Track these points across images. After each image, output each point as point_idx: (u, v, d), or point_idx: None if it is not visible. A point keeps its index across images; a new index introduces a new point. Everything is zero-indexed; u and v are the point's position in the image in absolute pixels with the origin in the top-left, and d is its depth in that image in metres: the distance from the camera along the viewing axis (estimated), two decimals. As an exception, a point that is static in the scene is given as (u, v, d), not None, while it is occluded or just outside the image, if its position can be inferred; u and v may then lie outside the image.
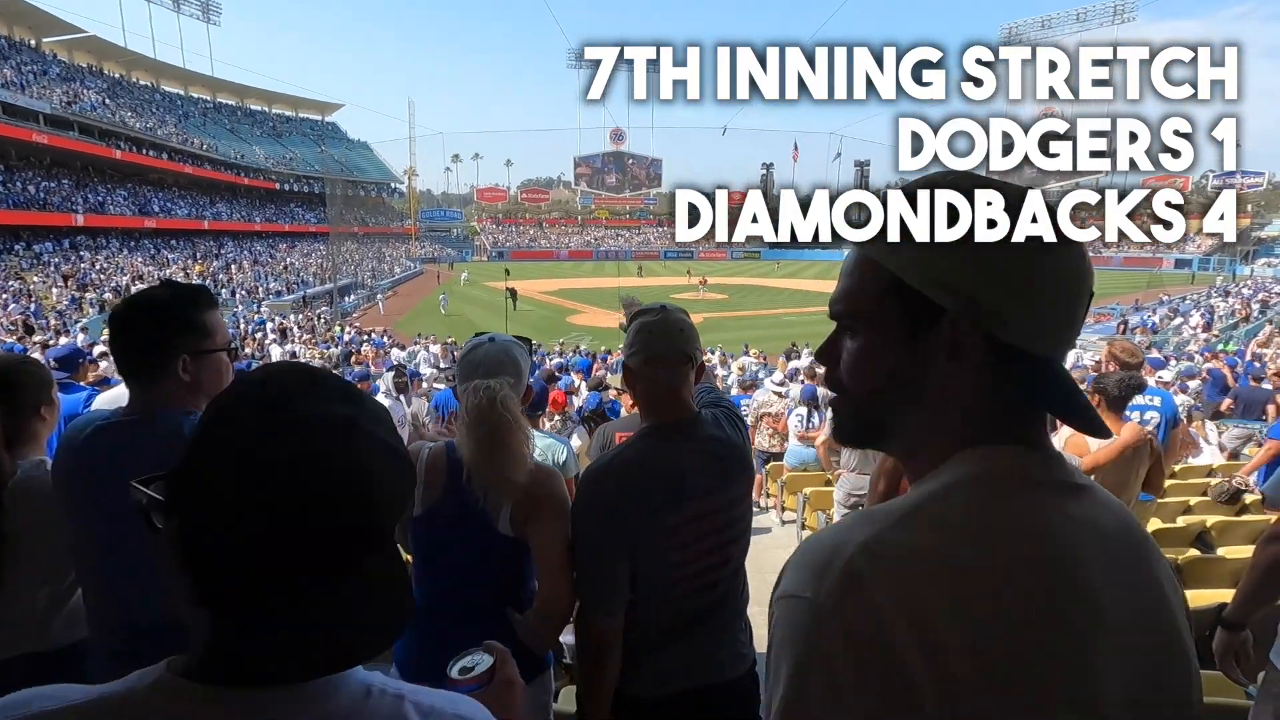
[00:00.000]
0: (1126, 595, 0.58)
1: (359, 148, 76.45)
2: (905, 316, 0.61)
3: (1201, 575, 3.41)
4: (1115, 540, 0.60)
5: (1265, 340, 16.36)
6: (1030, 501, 0.59)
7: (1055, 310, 0.61)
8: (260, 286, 33.96)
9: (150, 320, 1.45)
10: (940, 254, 0.59)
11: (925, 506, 0.59)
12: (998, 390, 0.61)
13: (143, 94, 50.83)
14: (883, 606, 0.53)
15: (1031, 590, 0.55)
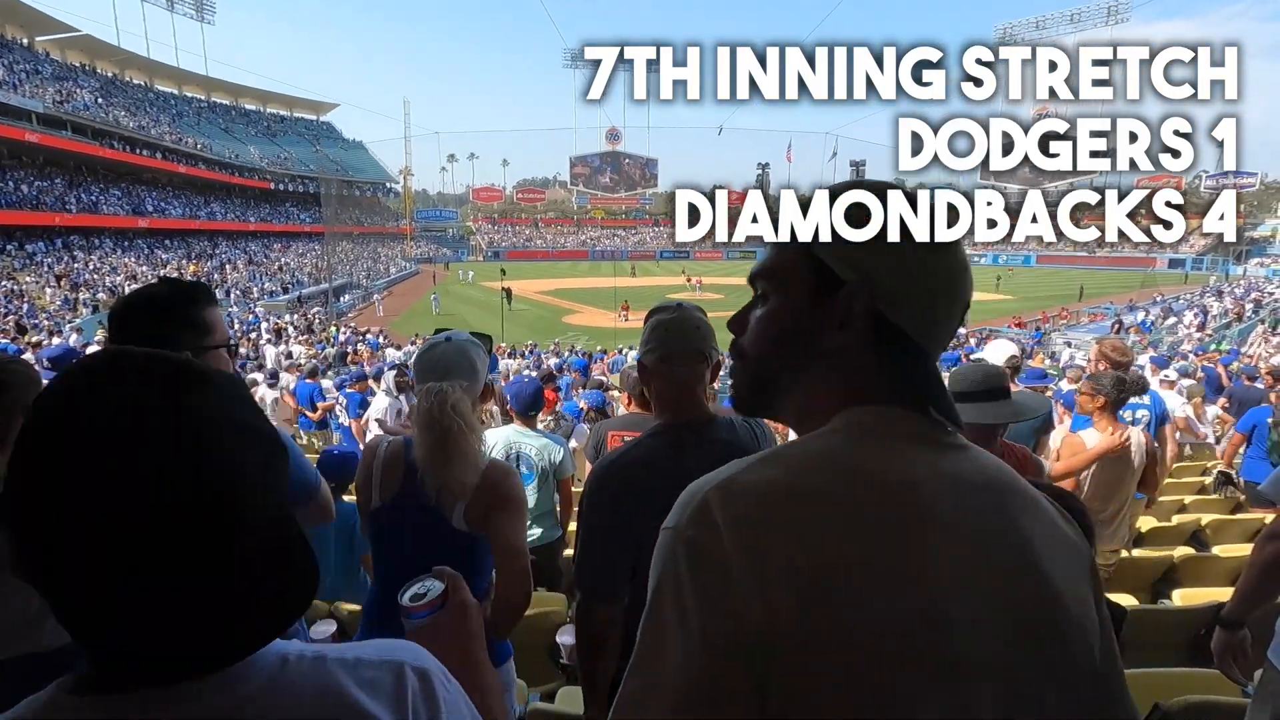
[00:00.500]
0: (987, 543, 0.62)
1: (354, 147, 76.25)
2: (810, 282, 0.69)
3: (1197, 574, 3.42)
4: (982, 493, 0.65)
5: (1258, 339, 16.44)
6: (893, 449, 0.64)
7: (938, 305, 0.69)
8: (255, 286, 33.84)
9: (152, 318, 1.44)
10: (862, 241, 0.68)
11: (790, 449, 0.66)
12: (881, 364, 0.68)
13: (136, 93, 50.59)
14: (724, 534, 0.57)
15: (875, 524, 0.59)
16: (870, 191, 0.70)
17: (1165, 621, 2.76)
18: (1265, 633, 1.73)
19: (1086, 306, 29.91)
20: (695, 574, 0.58)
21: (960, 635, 0.58)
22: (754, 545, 0.57)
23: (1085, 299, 32.93)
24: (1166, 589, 3.35)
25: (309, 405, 8.36)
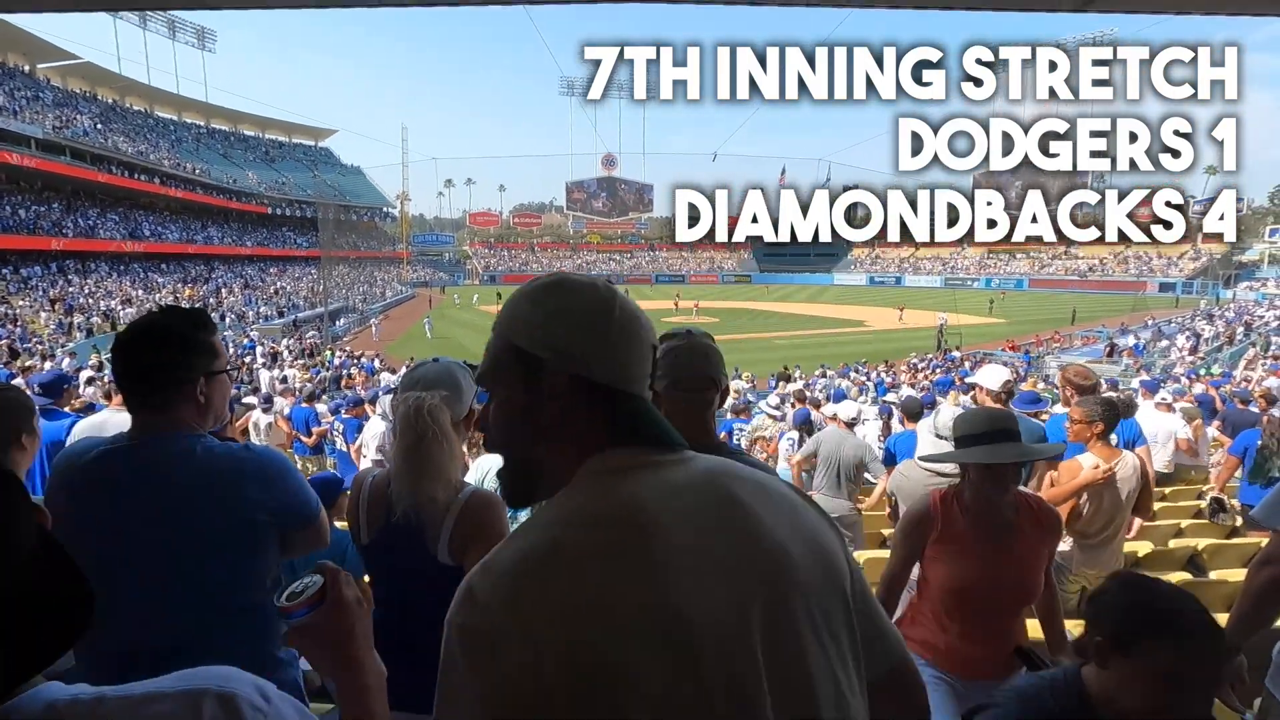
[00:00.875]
0: (714, 529, 0.73)
1: (352, 173, 76.82)
2: (521, 370, 0.80)
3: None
4: (703, 490, 0.77)
5: (1250, 363, 16.54)
6: (620, 482, 0.75)
7: (623, 354, 0.81)
8: (250, 310, 33.82)
9: (169, 347, 1.44)
10: (543, 321, 0.81)
11: (537, 517, 0.76)
12: (596, 417, 0.79)
13: (136, 119, 51.00)
14: (488, 611, 0.66)
15: (613, 555, 0.69)
16: (544, 284, 0.84)
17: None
18: (1263, 660, 1.71)
19: (1079, 330, 30.09)
20: (469, 655, 0.66)
21: (700, 618, 0.67)
22: (516, 613, 0.65)
23: (1078, 322, 33.14)
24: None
25: (304, 430, 8.29)
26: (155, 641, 1.35)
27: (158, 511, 1.37)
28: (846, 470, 4.69)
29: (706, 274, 75.53)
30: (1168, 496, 5.82)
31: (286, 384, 13.39)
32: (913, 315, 35.57)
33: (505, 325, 0.83)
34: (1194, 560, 4.17)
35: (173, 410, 1.44)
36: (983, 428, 2.05)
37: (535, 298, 0.82)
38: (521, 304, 0.83)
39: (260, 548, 1.46)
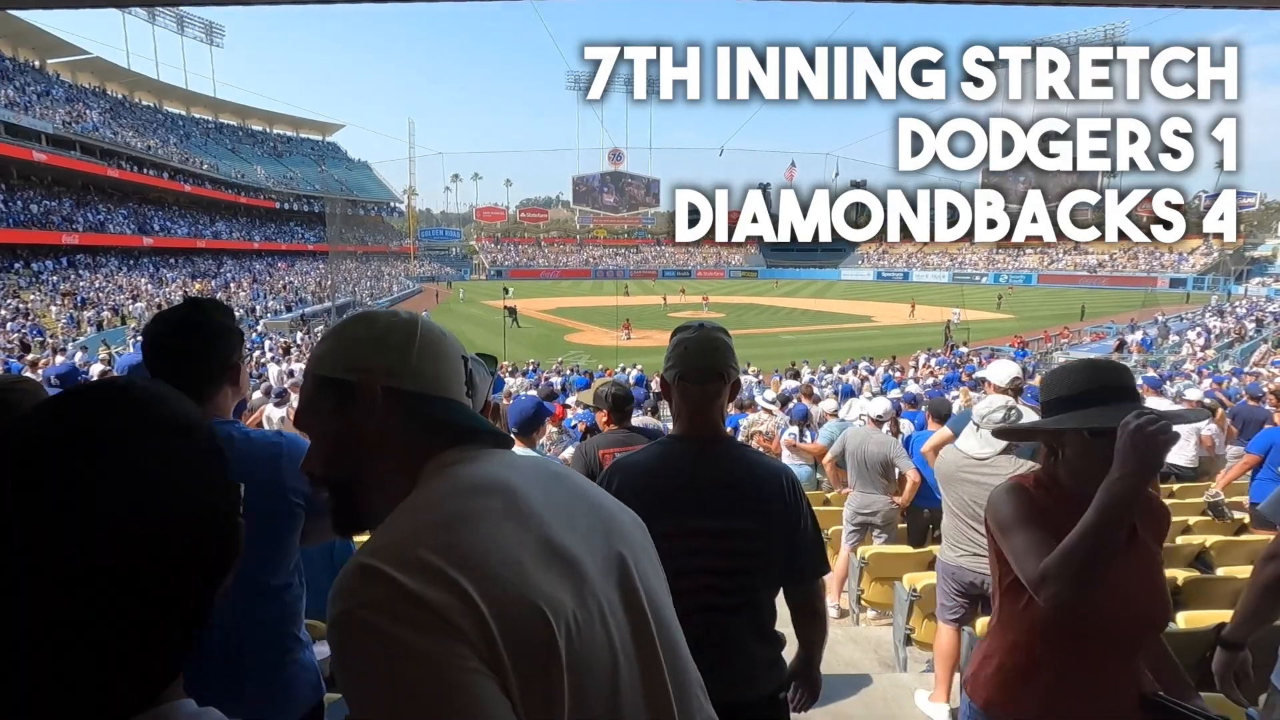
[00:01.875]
0: (564, 499, 0.81)
1: (359, 167, 76.98)
2: (333, 399, 0.84)
3: (1201, 595, 3.38)
4: (535, 472, 0.84)
5: (1262, 359, 16.42)
6: (475, 469, 0.80)
7: (438, 368, 0.87)
8: (259, 305, 34.00)
9: (209, 338, 1.48)
10: (346, 348, 0.86)
11: (407, 507, 0.76)
12: (421, 424, 0.84)
13: (145, 114, 51.24)
14: (404, 579, 0.66)
15: (502, 504, 0.74)
16: (345, 319, 0.92)
17: (1170, 644, 2.73)
18: (1267, 657, 1.71)
19: (1088, 325, 29.89)
20: (415, 630, 0.63)
21: (579, 552, 0.75)
22: (453, 571, 0.66)
23: (1087, 318, 32.92)
24: (1171, 612, 3.31)
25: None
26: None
27: None
28: (874, 466, 4.68)
29: (713, 269, 75.38)
30: (1175, 494, 5.80)
31: (294, 378, 13.46)
32: (924, 310, 35.40)
33: (311, 364, 0.88)
34: (1201, 557, 4.15)
35: (211, 400, 1.48)
36: (1089, 384, 1.46)
37: (337, 332, 0.89)
38: (325, 341, 0.88)
39: (290, 531, 1.51)
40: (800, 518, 1.67)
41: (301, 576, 1.59)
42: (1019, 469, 2.94)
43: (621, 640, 0.74)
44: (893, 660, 3.82)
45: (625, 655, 0.74)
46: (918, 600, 3.53)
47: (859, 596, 4.33)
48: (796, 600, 1.76)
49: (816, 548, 1.71)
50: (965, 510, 3.07)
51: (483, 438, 0.87)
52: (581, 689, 0.68)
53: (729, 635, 1.63)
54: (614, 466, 1.69)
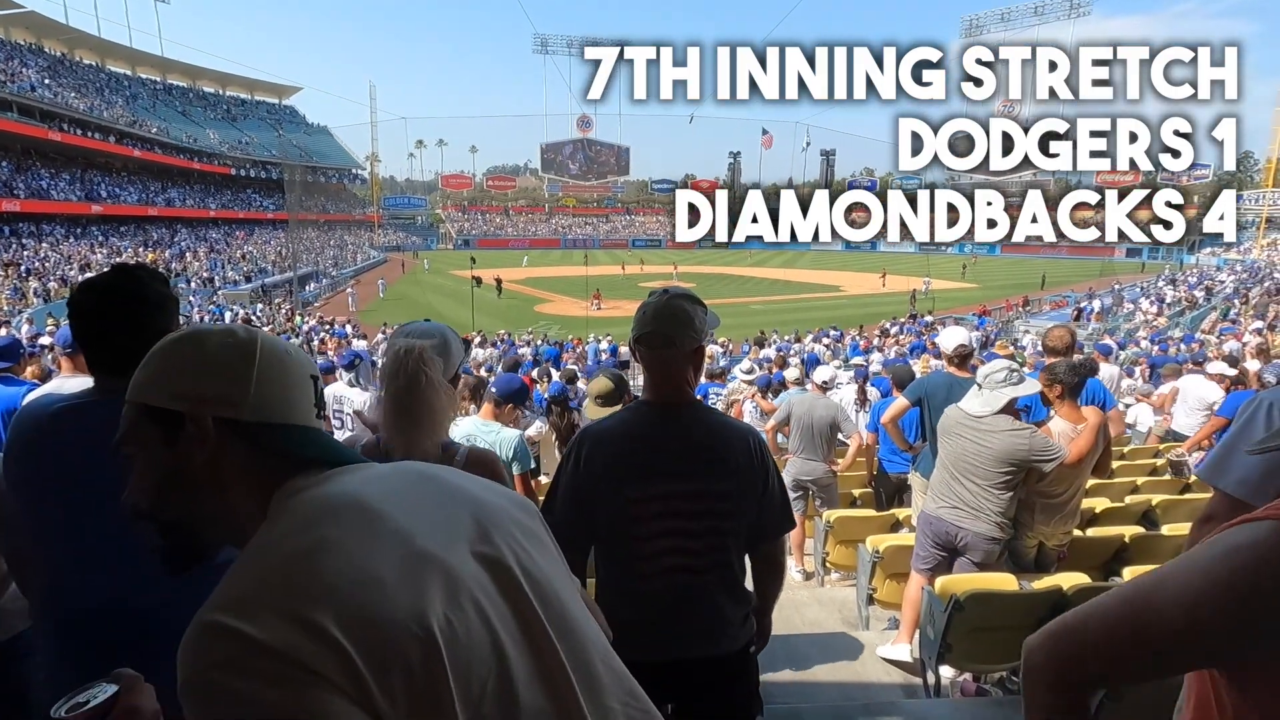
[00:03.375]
0: (419, 493, 0.78)
1: (318, 132, 74.39)
2: (159, 430, 0.77)
3: (1146, 552, 3.56)
4: (398, 474, 0.81)
5: (1211, 327, 17.07)
6: (319, 487, 0.75)
7: (284, 391, 0.80)
8: (217, 275, 32.95)
9: (146, 306, 1.39)
10: (174, 375, 0.78)
11: (247, 555, 0.71)
12: (271, 454, 0.78)
13: (87, 74, 48.60)
14: (253, 634, 0.61)
15: (356, 526, 0.70)
16: (172, 339, 0.83)
17: (1116, 598, 2.87)
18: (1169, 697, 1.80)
19: (1049, 294, 30.65)
20: (254, 681, 0.59)
21: (447, 553, 0.72)
22: (286, 619, 0.61)
23: (1047, 287, 33.73)
24: (1118, 567, 3.48)
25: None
26: (134, 603, 1.32)
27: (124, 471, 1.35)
28: (820, 432, 4.77)
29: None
30: (1125, 455, 6.05)
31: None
32: (894, 280, 35.87)
33: (134, 390, 0.79)
34: (1148, 515, 4.35)
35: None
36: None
37: (161, 353, 0.80)
38: (150, 363, 0.80)
39: None
40: (767, 477, 1.71)
41: None
42: (1015, 429, 3.04)
43: (507, 630, 0.72)
44: (856, 619, 3.96)
45: (514, 644, 0.72)
46: (880, 561, 3.65)
47: (824, 559, 4.45)
48: (760, 556, 1.82)
49: (782, 507, 1.77)
50: (955, 463, 3.17)
51: (336, 460, 0.81)
52: (468, 687, 0.66)
53: (701, 594, 1.67)
54: (582, 434, 1.71)
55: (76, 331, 1.39)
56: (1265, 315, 17.40)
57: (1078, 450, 3.15)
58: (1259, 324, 14.46)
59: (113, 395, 1.36)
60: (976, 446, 3.09)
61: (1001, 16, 75.06)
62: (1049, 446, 3.04)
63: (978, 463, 3.08)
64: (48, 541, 1.37)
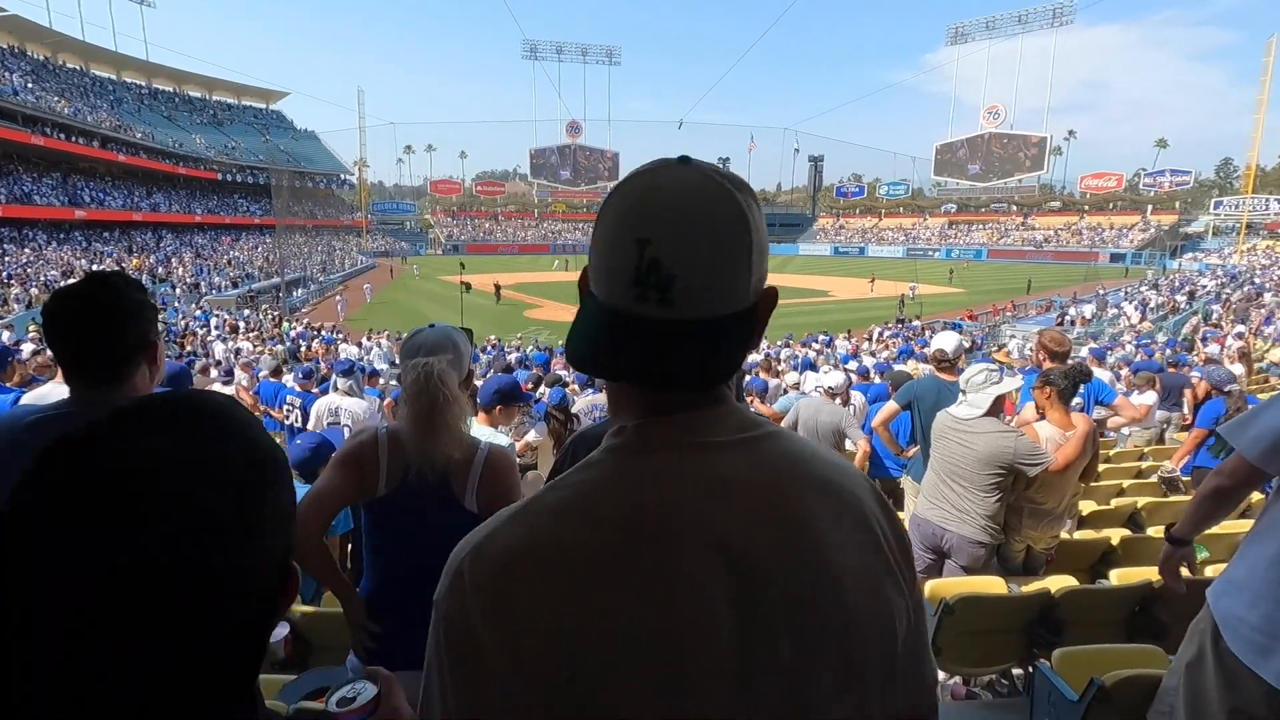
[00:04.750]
0: (757, 542, 0.59)
1: (306, 137, 74.05)
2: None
3: (1133, 554, 3.59)
4: (744, 490, 0.61)
5: (1193, 330, 17.28)
6: (646, 471, 0.61)
7: (598, 249, 0.61)
8: (203, 281, 32.65)
9: (121, 316, 1.37)
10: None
11: (547, 496, 0.63)
12: (620, 359, 0.60)
13: (71, 78, 48.16)
14: (472, 604, 0.57)
15: (620, 569, 0.57)
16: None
17: (1102, 600, 2.89)
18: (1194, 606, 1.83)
19: (1034, 299, 30.93)
20: (451, 651, 0.58)
21: (706, 664, 0.56)
22: (500, 615, 0.56)
23: (1033, 292, 34.05)
24: (1104, 569, 3.50)
25: (274, 404, 8.10)
26: None
27: None
28: (826, 437, 4.78)
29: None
30: (1111, 459, 6.10)
31: (242, 356, 13.03)
32: (883, 285, 36.09)
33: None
34: (1133, 517, 4.39)
35: (128, 381, 1.39)
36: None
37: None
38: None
39: None
40: None
41: None
42: (1001, 430, 3.06)
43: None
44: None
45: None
46: (870, 566, 3.65)
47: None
48: None
49: None
50: (944, 467, 3.19)
51: (710, 400, 0.65)
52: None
53: None
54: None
55: (51, 341, 1.37)
56: (1246, 319, 17.66)
57: (1065, 457, 3.16)
58: (1240, 328, 14.66)
59: (89, 407, 1.36)
60: (963, 449, 3.10)
61: (986, 24, 75.98)
62: (1035, 451, 3.05)
63: (964, 465, 3.09)
64: None
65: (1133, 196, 67.10)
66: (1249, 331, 14.20)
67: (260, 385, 8.48)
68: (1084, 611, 2.78)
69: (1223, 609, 1.65)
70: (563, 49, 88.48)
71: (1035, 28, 72.96)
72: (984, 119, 75.19)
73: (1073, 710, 2.04)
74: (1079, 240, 61.79)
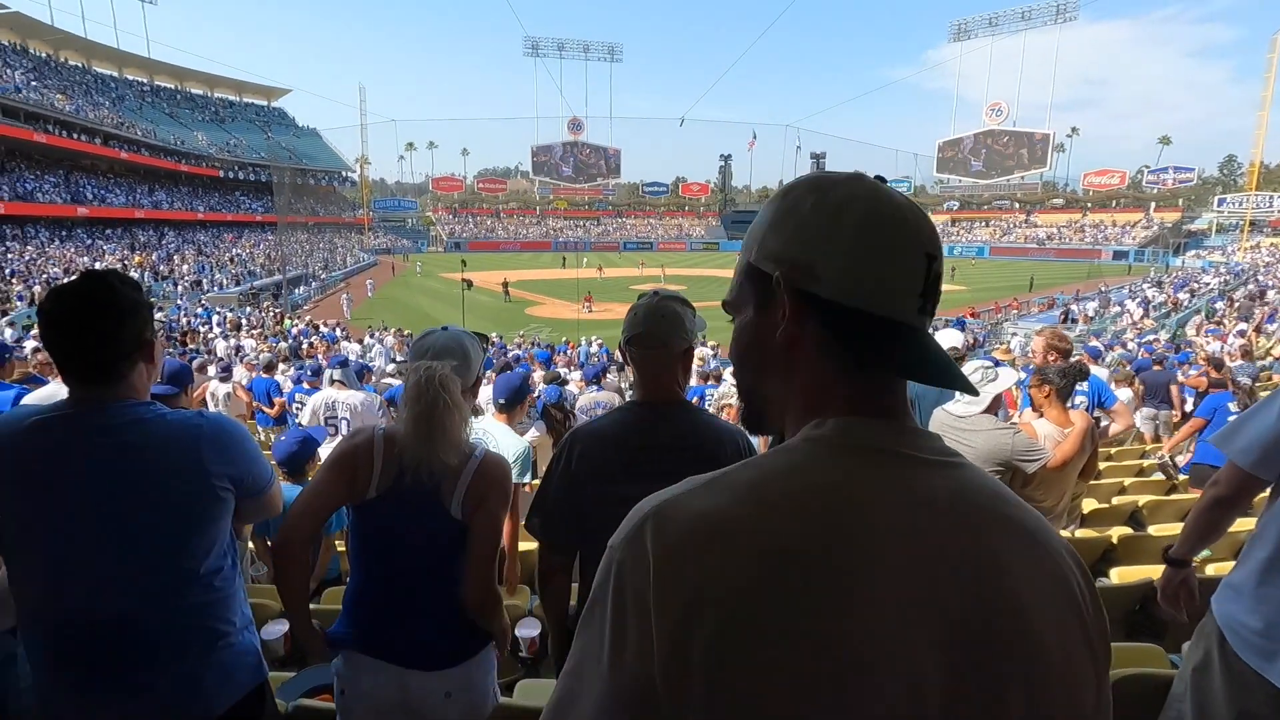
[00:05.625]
0: (946, 579, 0.55)
1: (308, 135, 74.06)
2: (754, 292, 0.67)
3: (1134, 552, 3.58)
4: (949, 517, 0.58)
5: (1195, 328, 17.25)
6: (843, 469, 0.59)
7: (870, 259, 0.61)
8: (205, 278, 32.69)
9: (119, 315, 1.38)
10: (771, 228, 0.65)
11: (740, 472, 0.60)
12: (840, 358, 0.62)
13: (73, 75, 48.21)
14: (650, 563, 0.55)
15: (803, 562, 0.54)
16: (786, 185, 0.68)
17: (1103, 599, 2.89)
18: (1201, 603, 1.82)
19: (1036, 296, 30.87)
20: (619, 600, 0.57)
21: (888, 687, 0.52)
22: (672, 580, 0.54)
23: (1036, 289, 33.98)
24: (1105, 568, 3.50)
25: (266, 401, 8.12)
26: (102, 611, 1.34)
27: (106, 478, 1.33)
28: None
29: (675, 241, 75.28)
30: (1113, 456, 6.09)
31: (242, 353, 13.05)
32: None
33: (745, 241, 0.69)
34: (1135, 515, 4.39)
35: (126, 380, 1.39)
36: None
37: (771, 202, 0.67)
38: (759, 214, 0.68)
39: (215, 515, 1.43)
40: None
41: (234, 560, 1.51)
42: (998, 427, 3.05)
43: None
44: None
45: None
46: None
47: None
48: None
49: None
50: None
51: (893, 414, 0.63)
52: None
53: None
54: (573, 435, 1.71)
55: (46, 340, 1.37)
56: (1249, 317, 17.61)
57: (1063, 454, 3.15)
58: (1243, 325, 14.63)
59: (85, 406, 1.37)
60: (961, 447, 3.09)
61: (989, 21, 75.74)
62: (1032, 447, 3.05)
63: None
64: (20, 552, 1.38)
65: (1136, 194, 66.93)
66: (1251, 329, 14.16)
67: (253, 381, 8.51)
68: (1084, 610, 2.77)
69: (1226, 614, 1.65)
70: (564, 46, 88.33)
71: (1038, 24, 72.76)
72: (987, 116, 75.00)
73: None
74: (1082, 238, 61.63)
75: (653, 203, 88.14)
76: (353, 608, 1.70)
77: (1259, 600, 1.57)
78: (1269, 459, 1.59)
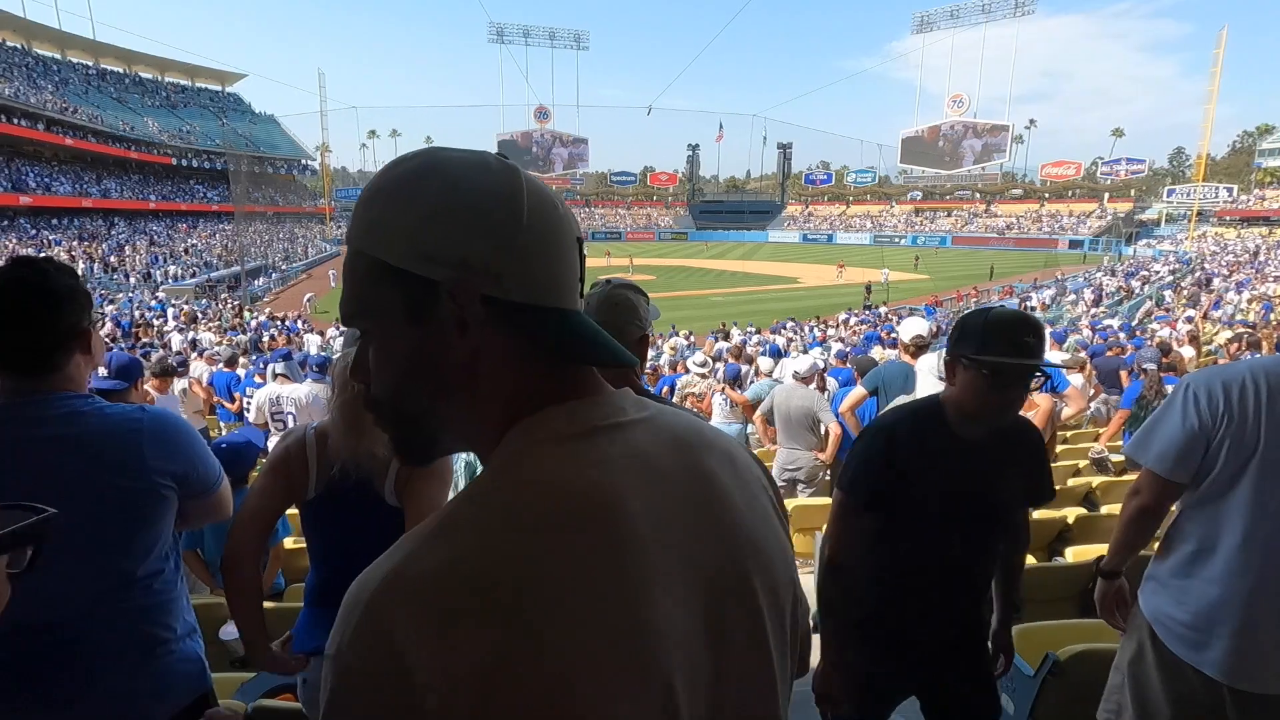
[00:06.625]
0: (685, 521, 0.57)
1: (265, 121, 71.96)
2: (401, 300, 0.56)
3: (1087, 531, 3.71)
4: (670, 459, 0.59)
5: (1146, 315, 17.86)
6: (569, 460, 0.56)
7: (548, 259, 0.58)
8: (157, 270, 31.60)
9: (54, 303, 1.30)
10: (420, 225, 0.55)
11: (461, 509, 0.54)
12: (522, 354, 0.58)
13: (12, 57, 45.95)
14: (399, 642, 0.47)
15: (582, 557, 0.51)
16: (414, 168, 0.58)
17: (1058, 578, 2.99)
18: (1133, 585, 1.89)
19: (996, 285, 31.62)
20: (375, 699, 0.47)
21: (669, 631, 0.52)
22: (442, 648, 0.46)
23: (995, 278, 34.80)
24: (1060, 547, 3.62)
25: (227, 396, 7.90)
26: (31, 617, 1.25)
27: (38, 474, 1.25)
28: (800, 421, 4.82)
29: (643, 230, 75.16)
30: (1068, 440, 6.29)
31: (200, 347, 12.67)
32: (852, 271, 36.52)
33: (362, 236, 0.57)
34: (1089, 497, 4.54)
35: (62, 371, 1.32)
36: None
37: (396, 188, 0.56)
38: (387, 201, 0.56)
39: (156, 515, 1.36)
40: None
41: (177, 562, 1.45)
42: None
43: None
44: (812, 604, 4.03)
45: None
46: (836, 548, 3.71)
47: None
48: None
49: None
50: None
51: (606, 361, 0.60)
52: None
53: None
54: None
55: None
56: (1196, 304, 18.29)
57: None
58: (1190, 312, 15.18)
59: (20, 398, 1.31)
60: None
61: (951, 13, 76.89)
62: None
63: None
64: None
65: (1090, 184, 68.85)
66: (1199, 315, 14.71)
67: (214, 376, 8.27)
68: (1040, 589, 2.87)
69: (1152, 607, 1.69)
70: (530, 32, 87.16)
71: (998, 17, 74.12)
72: (948, 107, 76.27)
73: (1029, 684, 2.11)
74: (1039, 227, 63.23)
75: (621, 192, 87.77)
76: (307, 605, 1.70)
77: (1183, 593, 1.62)
78: (1183, 462, 1.60)
